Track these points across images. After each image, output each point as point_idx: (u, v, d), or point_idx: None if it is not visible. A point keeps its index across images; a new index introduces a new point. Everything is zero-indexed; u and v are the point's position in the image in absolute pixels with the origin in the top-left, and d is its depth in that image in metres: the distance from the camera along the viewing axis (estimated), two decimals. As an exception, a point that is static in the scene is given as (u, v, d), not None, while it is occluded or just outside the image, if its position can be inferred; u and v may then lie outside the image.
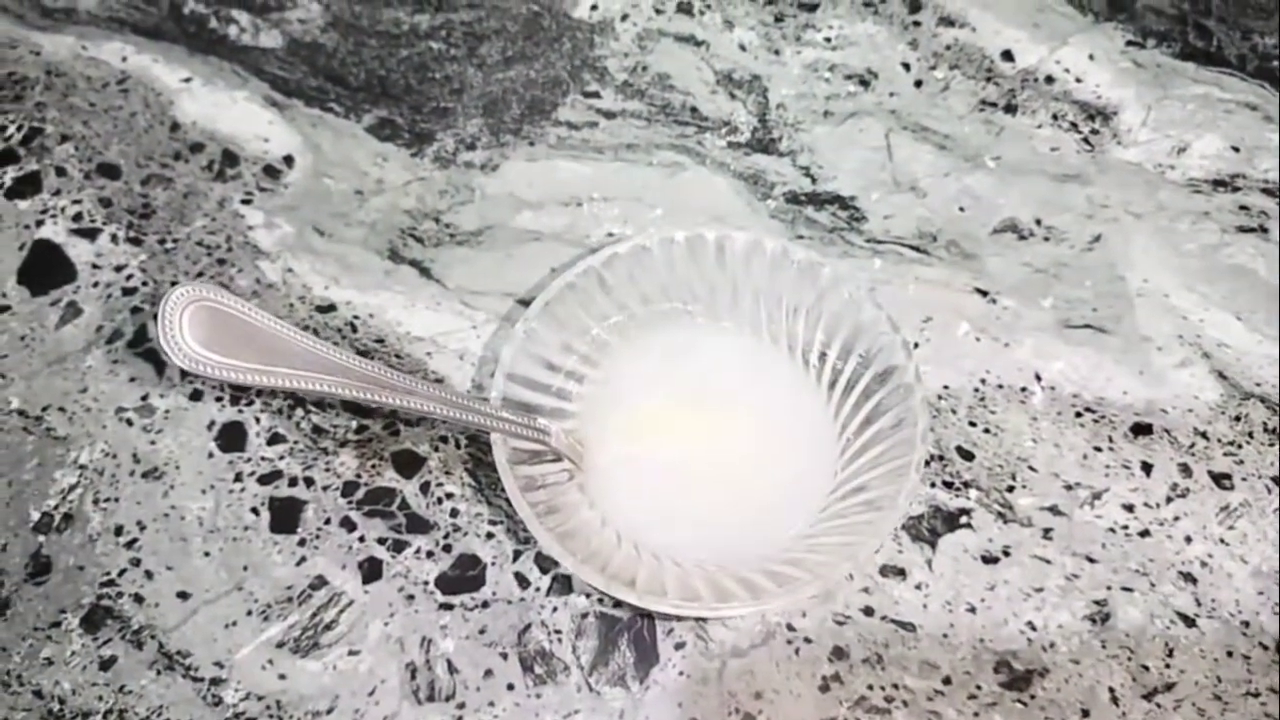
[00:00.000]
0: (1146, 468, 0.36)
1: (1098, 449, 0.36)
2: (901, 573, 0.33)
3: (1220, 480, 0.36)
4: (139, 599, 0.33)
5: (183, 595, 0.33)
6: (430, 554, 0.34)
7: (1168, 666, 0.32)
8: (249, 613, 0.33)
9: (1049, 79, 0.45)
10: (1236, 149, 0.43)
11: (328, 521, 0.34)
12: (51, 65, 0.45)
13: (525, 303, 0.38)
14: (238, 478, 0.35)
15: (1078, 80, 0.45)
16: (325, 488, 0.35)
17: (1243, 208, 0.42)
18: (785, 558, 0.30)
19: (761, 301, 0.35)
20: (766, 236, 0.34)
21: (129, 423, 0.36)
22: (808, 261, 0.34)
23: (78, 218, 0.41)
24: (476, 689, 0.31)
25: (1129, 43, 0.46)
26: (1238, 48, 0.46)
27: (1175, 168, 0.43)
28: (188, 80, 0.44)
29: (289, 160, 0.42)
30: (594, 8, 0.46)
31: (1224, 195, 0.42)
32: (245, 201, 0.41)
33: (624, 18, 0.46)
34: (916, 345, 0.38)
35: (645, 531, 0.31)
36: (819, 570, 0.29)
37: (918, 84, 0.44)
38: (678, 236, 0.34)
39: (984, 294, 0.39)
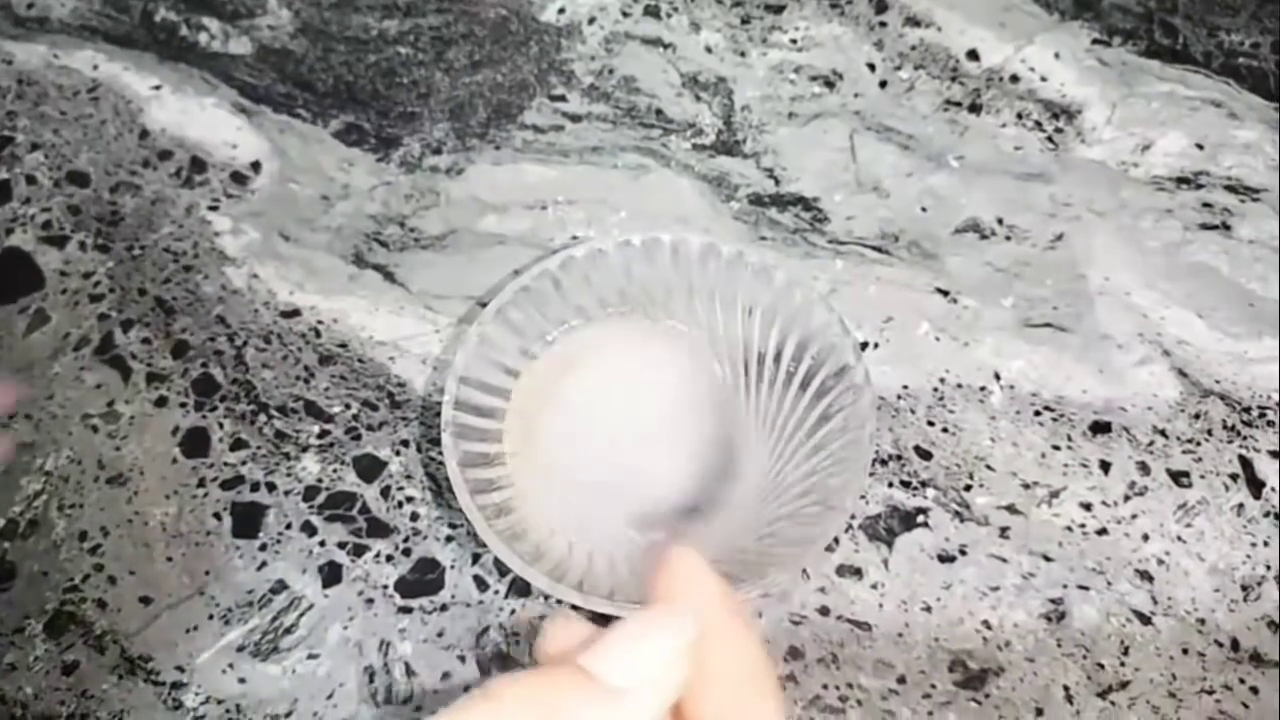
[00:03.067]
0: (1105, 466, 0.36)
1: (1056, 448, 0.36)
2: (858, 572, 0.33)
3: (1179, 478, 0.36)
4: (102, 604, 0.33)
5: (145, 600, 0.33)
6: (390, 558, 0.34)
7: (1123, 664, 0.32)
8: (210, 617, 0.33)
9: (1014, 78, 0.45)
10: (1200, 146, 0.43)
11: (289, 526, 0.34)
12: (23, 74, 0.45)
13: (486, 305, 0.38)
14: (200, 483, 0.35)
15: (1043, 79, 0.45)
16: (287, 492, 0.35)
17: (1206, 205, 0.42)
18: (735, 559, 0.30)
19: (718, 304, 0.35)
20: (723, 240, 0.35)
21: (94, 429, 0.36)
22: (762, 264, 0.34)
23: (47, 225, 0.41)
24: (434, 691, 0.32)
25: (1095, 41, 0.46)
26: (1204, 45, 0.46)
27: (1139, 165, 0.43)
28: (157, 88, 0.44)
29: (256, 166, 0.42)
30: (561, 11, 0.47)
31: (1187, 192, 0.42)
32: (212, 208, 0.41)
33: (591, 21, 0.46)
34: (876, 345, 0.38)
35: (587, 533, 0.32)
36: (768, 569, 0.29)
37: (883, 84, 0.45)
38: (634, 240, 0.35)
39: (945, 294, 0.39)
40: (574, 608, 0.32)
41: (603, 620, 0.31)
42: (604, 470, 0.33)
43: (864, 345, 0.38)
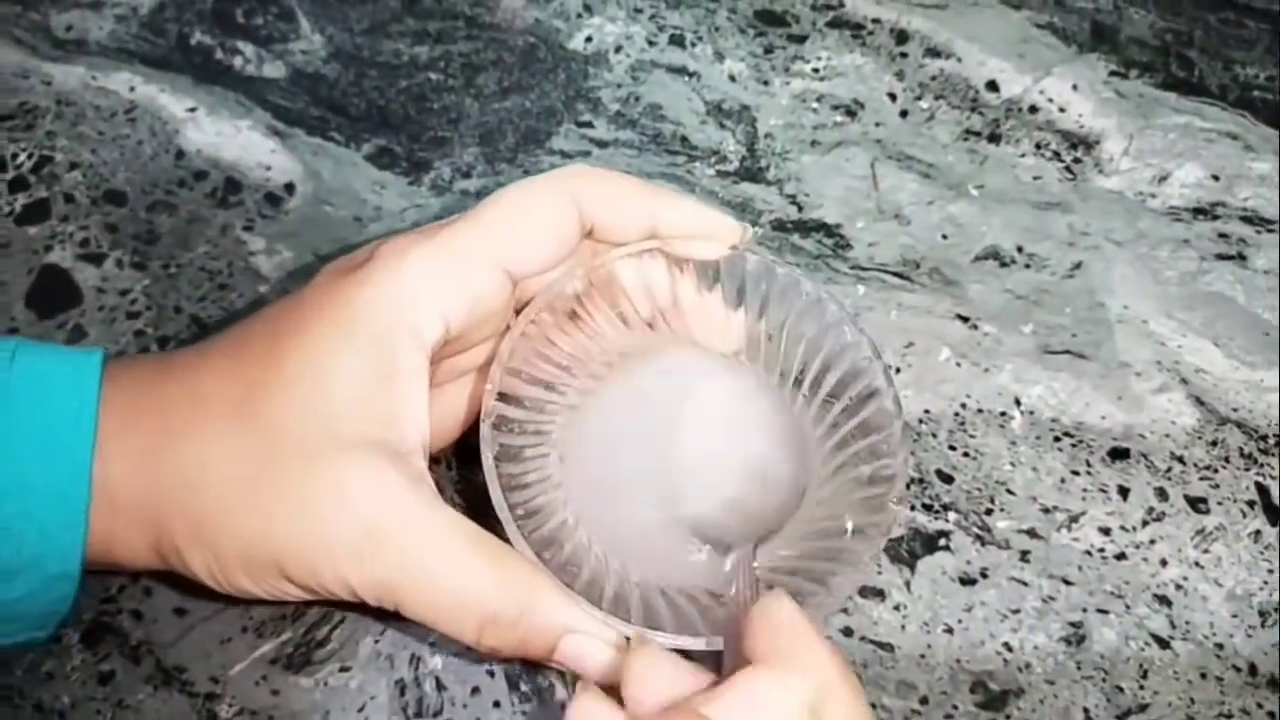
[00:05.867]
0: (1123, 491, 0.36)
1: (1075, 473, 0.37)
2: (880, 594, 0.34)
3: (1196, 504, 0.36)
4: (138, 615, 0.34)
5: (180, 612, 0.34)
6: (421, 573, 0.34)
7: (1141, 688, 0.33)
8: (244, 629, 0.33)
9: (1033, 109, 0.46)
10: (1216, 178, 0.44)
11: (322, 541, 0.35)
12: (62, 95, 0.46)
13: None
14: (235, 498, 0.36)
15: (1061, 110, 0.46)
16: (320, 508, 0.36)
17: (1222, 235, 0.43)
18: (774, 580, 0.30)
19: (764, 324, 0.35)
20: (780, 264, 0.35)
21: (131, 443, 0.37)
22: (815, 295, 0.34)
23: (85, 243, 0.42)
24: (464, 705, 0.32)
25: (1112, 73, 0.47)
26: (1219, 78, 0.47)
27: (1156, 196, 0.44)
28: (193, 110, 0.45)
29: (290, 188, 0.43)
30: (589, 40, 0.48)
31: (1204, 223, 0.43)
32: (247, 228, 0.42)
33: (618, 49, 0.47)
34: (898, 370, 0.39)
35: (615, 543, 0.32)
36: (806, 599, 0.29)
37: (903, 114, 0.46)
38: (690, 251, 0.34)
39: (965, 320, 0.40)
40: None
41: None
42: (648, 478, 0.33)
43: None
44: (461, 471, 0.36)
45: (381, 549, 0.28)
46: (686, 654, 0.28)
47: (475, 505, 0.35)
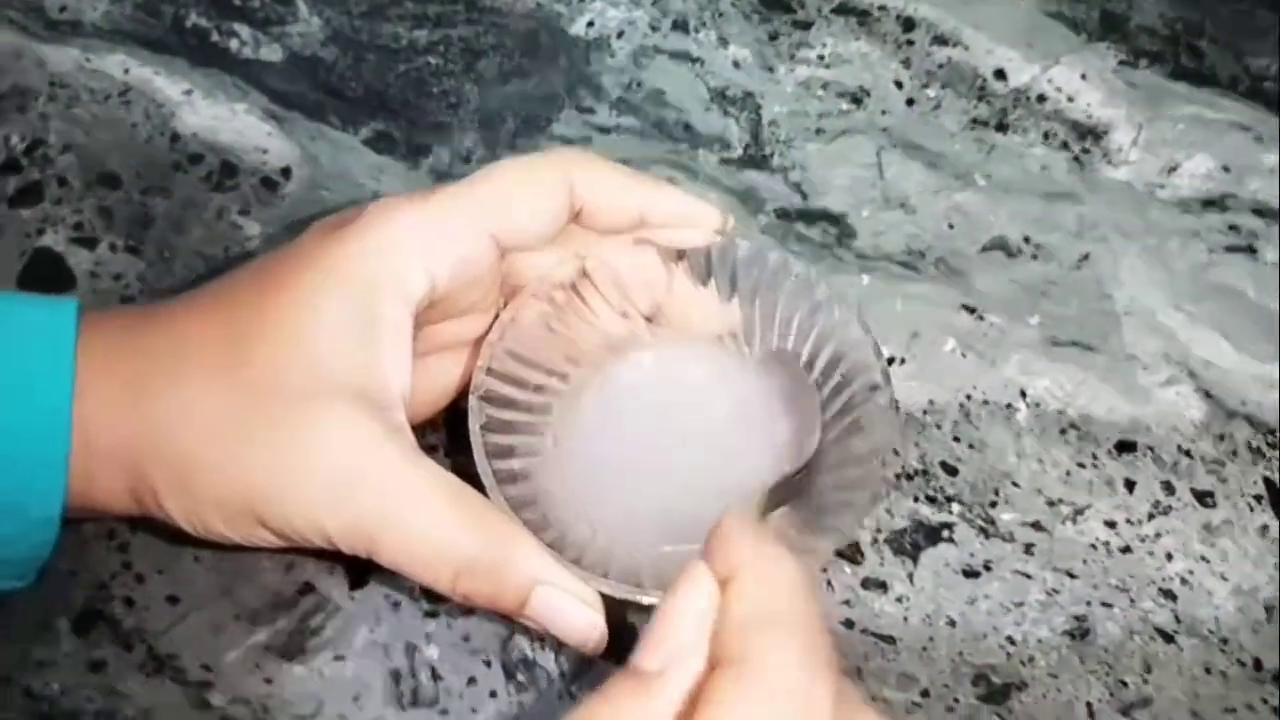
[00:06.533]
0: (1129, 485, 0.36)
1: (1081, 465, 0.36)
2: (883, 586, 0.34)
3: (1203, 498, 0.36)
4: (129, 603, 0.33)
5: (172, 599, 0.33)
6: (417, 562, 0.34)
7: (1145, 682, 0.32)
8: (237, 617, 0.33)
9: (1041, 98, 0.45)
10: (1227, 169, 0.44)
11: (317, 529, 0.35)
12: (55, 77, 0.45)
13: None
14: (229, 484, 0.35)
15: (1069, 99, 0.45)
16: (315, 495, 0.35)
17: (1232, 227, 0.42)
18: None
19: (757, 309, 0.35)
20: (771, 248, 0.35)
21: (124, 429, 0.36)
22: (806, 276, 0.34)
23: (78, 227, 0.42)
24: (460, 696, 0.32)
25: (1121, 62, 0.46)
26: (1230, 69, 0.47)
27: (1165, 187, 0.43)
28: (189, 92, 0.45)
29: (286, 172, 0.43)
30: (590, 25, 0.47)
31: (1214, 215, 0.43)
32: (243, 212, 0.42)
33: (620, 35, 0.47)
34: (903, 361, 0.38)
35: (602, 523, 0.32)
36: None
37: (910, 102, 0.45)
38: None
39: (971, 311, 0.39)
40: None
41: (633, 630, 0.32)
42: (634, 463, 0.33)
43: (890, 360, 0.38)
44: (457, 460, 0.36)
45: (358, 496, 0.28)
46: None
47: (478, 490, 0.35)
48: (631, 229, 0.33)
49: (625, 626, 0.32)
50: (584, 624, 0.29)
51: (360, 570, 0.34)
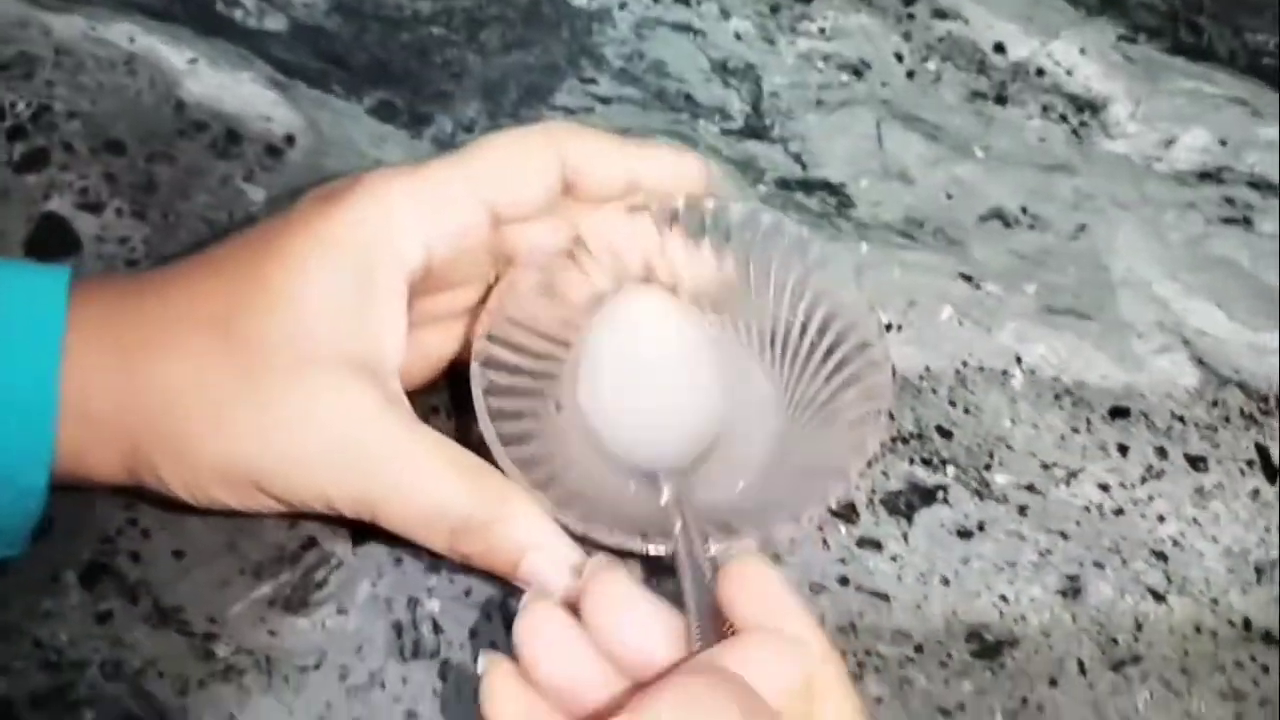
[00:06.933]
0: (1123, 449, 0.36)
1: (1075, 430, 0.37)
2: (878, 545, 0.34)
3: (1195, 463, 0.36)
4: (135, 557, 0.34)
5: (177, 554, 0.34)
6: (419, 519, 0.34)
7: (1136, 640, 0.33)
8: (241, 571, 0.33)
9: (1040, 71, 0.46)
10: (1224, 142, 0.44)
11: (320, 487, 0.35)
12: (60, 45, 0.46)
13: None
14: (233, 443, 0.36)
15: (1068, 73, 0.46)
16: (318, 454, 0.36)
17: (1228, 200, 0.43)
18: (735, 510, 0.31)
19: (751, 271, 0.35)
20: (764, 210, 0.35)
21: (129, 389, 0.37)
22: (799, 237, 0.35)
23: (84, 192, 0.42)
24: (460, 647, 0.32)
25: (1120, 37, 0.47)
26: (1228, 44, 0.47)
27: (1162, 160, 0.43)
28: (193, 61, 0.45)
29: (290, 140, 0.43)
30: (593, -4, 0.47)
31: (1210, 188, 0.43)
32: (247, 179, 0.42)
33: (622, 6, 0.47)
34: (900, 328, 0.38)
35: (595, 472, 0.33)
36: (770, 524, 0.30)
37: (910, 75, 0.45)
38: (678, 202, 0.35)
39: (968, 279, 0.40)
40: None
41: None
42: (618, 416, 0.34)
43: (888, 327, 0.38)
44: (460, 421, 0.36)
45: (360, 464, 0.28)
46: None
47: (480, 450, 0.35)
48: (624, 195, 0.33)
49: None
50: (568, 592, 0.28)
51: (363, 527, 0.34)
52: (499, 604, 0.33)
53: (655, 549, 0.30)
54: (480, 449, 0.31)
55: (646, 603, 0.26)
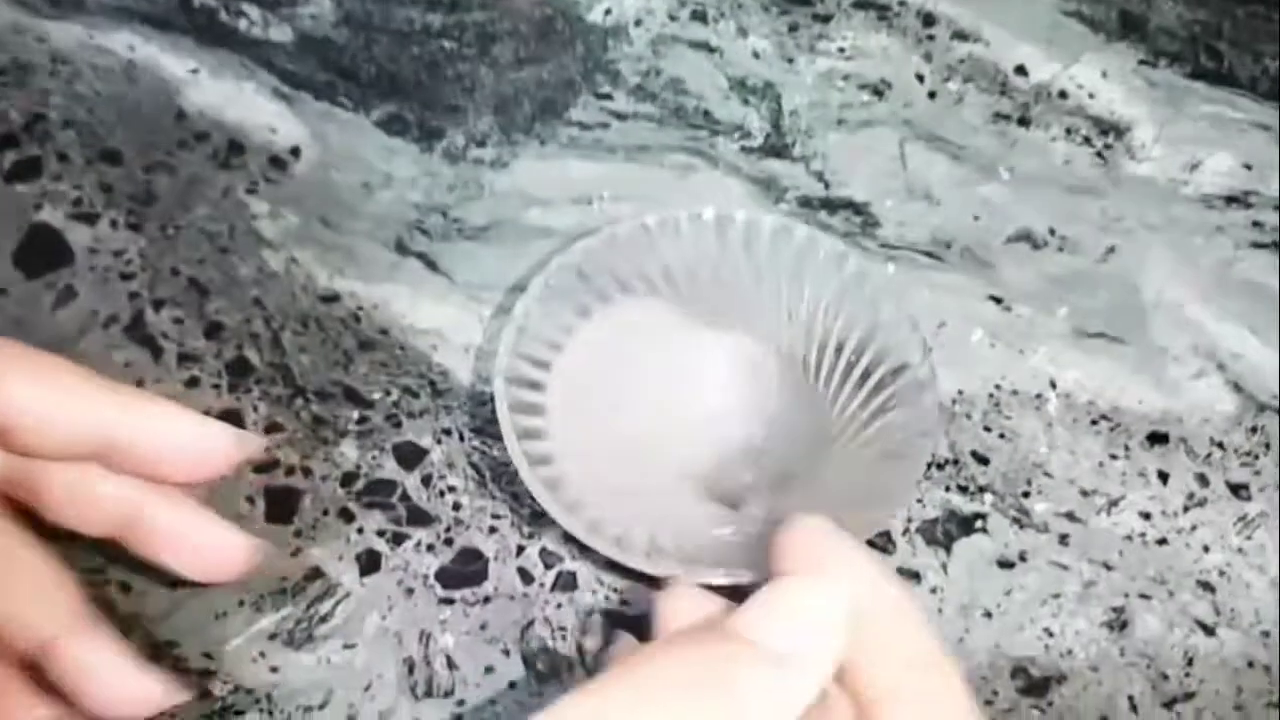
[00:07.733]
0: (1163, 476, 0.35)
1: (1114, 456, 0.35)
2: (916, 576, 0.32)
3: (1238, 490, 0.35)
4: (126, 588, 0.32)
5: (172, 585, 0.32)
6: (431, 547, 0.33)
7: (1187, 675, 0.31)
8: (240, 603, 0.31)
9: (1062, 94, 0.45)
10: (1249, 167, 0.43)
11: (325, 512, 0.33)
12: (57, 53, 0.44)
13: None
14: (234, 465, 0.34)
15: (1090, 96, 0.45)
16: (324, 478, 0.34)
17: (1256, 224, 0.42)
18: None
19: (783, 286, 0.34)
20: (796, 224, 0.34)
21: (123, 407, 0.35)
22: (834, 251, 0.33)
23: (77, 202, 0.40)
24: (476, 685, 0.30)
25: (1141, 61, 0.46)
26: (1249, 70, 0.46)
27: (1188, 183, 0.43)
28: (195, 71, 0.44)
29: (295, 151, 0.42)
30: (608, 12, 0.46)
31: (1237, 211, 0.42)
32: (250, 191, 0.40)
33: (638, 23, 0.46)
34: (930, 350, 0.37)
35: (628, 496, 0.31)
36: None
37: (931, 95, 0.44)
38: (706, 214, 0.34)
39: (998, 301, 0.39)
40: (624, 601, 0.31)
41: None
42: (650, 437, 0.32)
43: (918, 348, 0.37)
44: (475, 445, 0.34)
45: None
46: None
47: (492, 480, 0.34)
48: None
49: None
50: None
51: (372, 556, 0.32)
52: (516, 638, 0.31)
53: (704, 577, 0.28)
54: (505, 468, 0.30)
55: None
